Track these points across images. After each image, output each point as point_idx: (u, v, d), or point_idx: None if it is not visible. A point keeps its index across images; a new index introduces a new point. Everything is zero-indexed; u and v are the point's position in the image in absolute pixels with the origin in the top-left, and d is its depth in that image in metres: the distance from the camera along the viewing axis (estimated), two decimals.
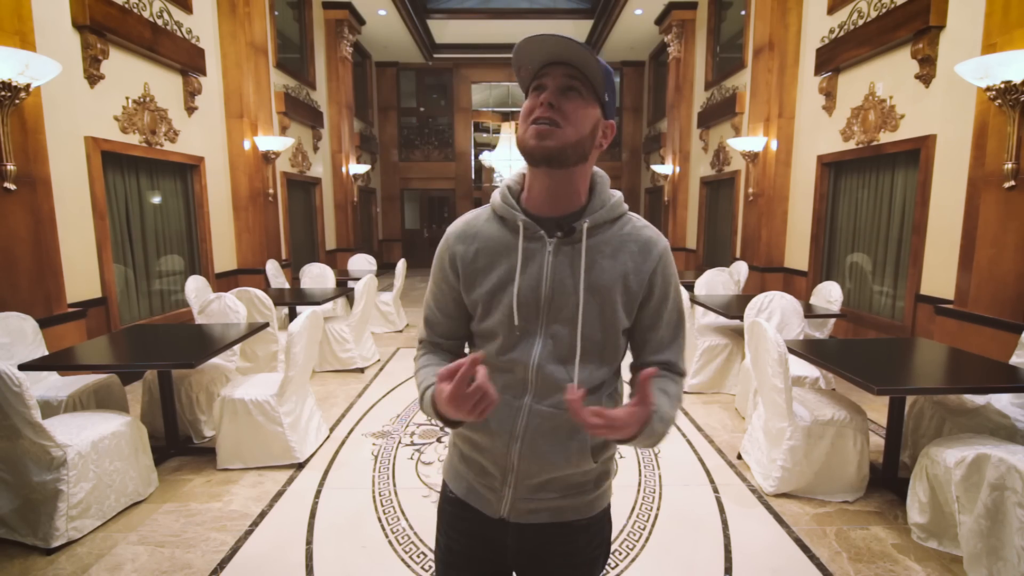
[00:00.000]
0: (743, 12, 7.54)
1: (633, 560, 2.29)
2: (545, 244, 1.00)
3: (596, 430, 0.83)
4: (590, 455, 1.03)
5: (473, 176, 13.88)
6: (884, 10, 4.82)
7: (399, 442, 3.45)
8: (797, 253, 6.37)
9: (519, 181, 1.07)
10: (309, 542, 2.42)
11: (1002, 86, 3.13)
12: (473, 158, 13.88)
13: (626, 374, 1.09)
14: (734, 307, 4.30)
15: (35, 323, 3.25)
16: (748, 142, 6.53)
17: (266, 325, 3.69)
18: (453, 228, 1.08)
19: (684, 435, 3.57)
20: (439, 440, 3.47)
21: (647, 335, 1.06)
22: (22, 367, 2.70)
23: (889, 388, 2.41)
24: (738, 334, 4.47)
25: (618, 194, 1.05)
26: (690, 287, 5.48)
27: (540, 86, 0.95)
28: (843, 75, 5.49)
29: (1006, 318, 3.29)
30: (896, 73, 4.74)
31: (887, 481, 2.84)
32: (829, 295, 4.48)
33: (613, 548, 2.36)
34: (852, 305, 5.46)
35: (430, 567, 2.23)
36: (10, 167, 3.27)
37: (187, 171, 5.71)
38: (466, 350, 1.16)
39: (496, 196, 1.06)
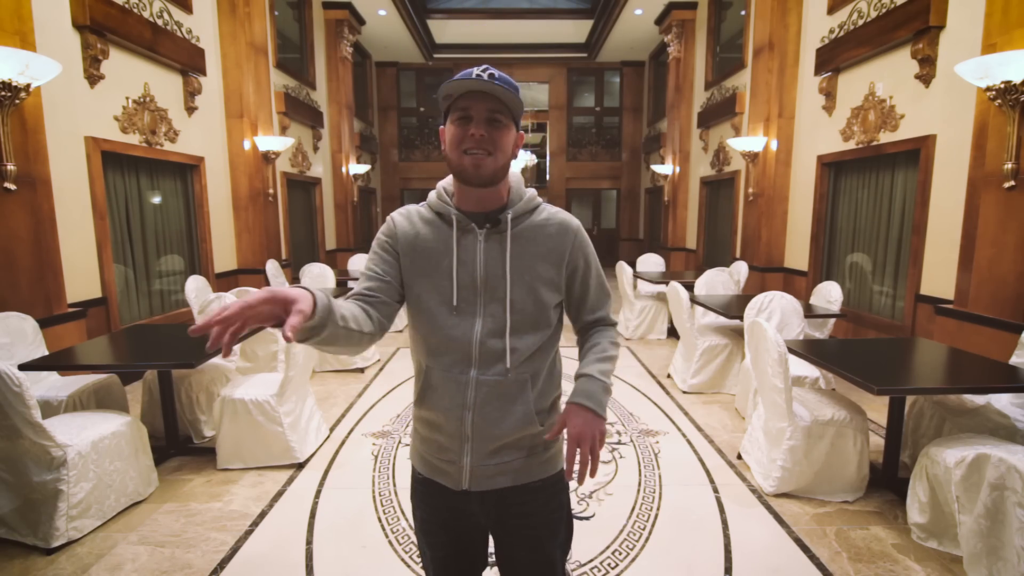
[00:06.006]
0: (743, 12, 7.54)
1: (633, 560, 2.29)
2: (476, 234, 1.14)
3: (587, 465, 1.11)
4: (535, 418, 1.17)
5: None
6: (884, 10, 4.82)
7: (399, 442, 3.45)
8: (797, 253, 6.37)
9: (452, 183, 1.19)
10: (309, 542, 2.42)
11: (1002, 86, 3.13)
12: None
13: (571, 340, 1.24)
14: (734, 307, 4.30)
15: (35, 323, 3.25)
16: (748, 142, 6.53)
17: None
18: (398, 213, 1.22)
19: (684, 435, 3.57)
20: None
21: (581, 303, 1.25)
22: (22, 367, 2.70)
23: (889, 388, 2.41)
24: (738, 334, 4.47)
25: (532, 190, 1.22)
26: (690, 287, 5.48)
27: (465, 117, 1.07)
28: (843, 75, 5.49)
29: (1006, 318, 3.29)
30: (896, 73, 4.74)
31: (887, 481, 2.84)
32: (829, 295, 4.48)
33: (613, 548, 2.36)
34: (852, 305, 5.46)
35: None
36: (10, 167, 3.27)
37: (187, 171, 5.71)
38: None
39: (432, 195, 1.21)
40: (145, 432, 2.84)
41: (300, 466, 3.11)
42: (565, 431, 1.14)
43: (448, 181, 1.21)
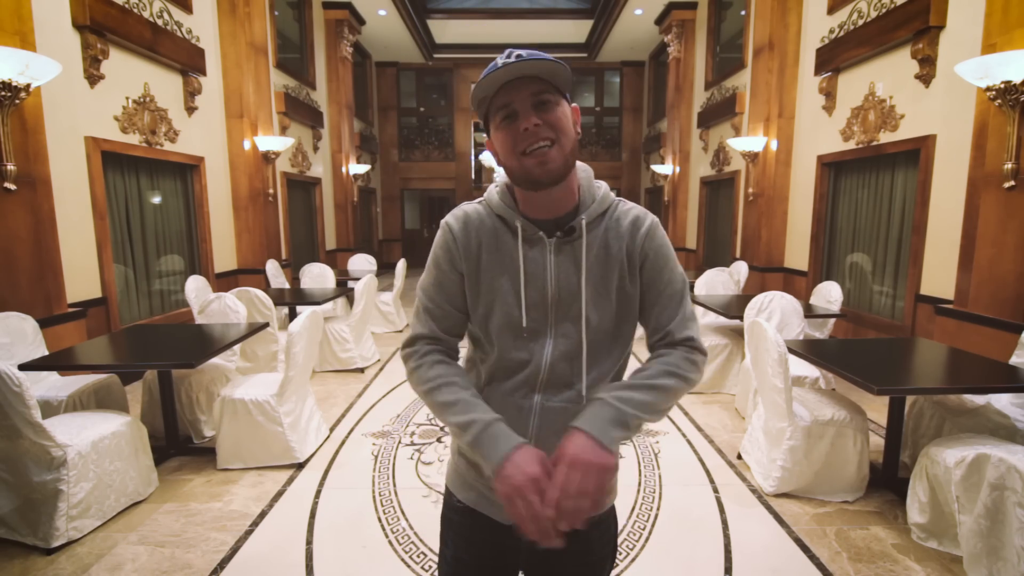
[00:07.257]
0: (743, 12, 7.53)
1: (633, 560, 2.29)
2: (545, 245, 1.00)
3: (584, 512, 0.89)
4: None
5: (473, 176, 13.88)
6: (884, 10, 4.82)
7: (399, 442, 3.45)
8: (797, 253, 6.37)
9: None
10: (309, 542, 2.42)
11: (1002, 86, 3.13)
12: (473, 158, 13.88)
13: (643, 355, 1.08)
14: (734, 307, 4.30)
15: (35, 323, 3.25)
16: (748, 142, 6.53)
17: (266, 325, 3.69)
18: (453, 218, 1.06)
19: (684, 435, 3.57)
20: (439, 440, 3.47)
21: (649, 313, 1.05)
22: (22, 367, 2.70)
23: (889, 388, 2.41)
24: (738, 334, 4.47)
25: (604, 185, 1.06)
26: (690, 287, 5.46)
27: (510, 114, 0.93)
28: (843, 75, 5.49)
29: (1006, 318, 3.29)
30: (896, 73, 4.74)
31: (887, 481, 2.84)
32: (829, 295, 4.48)
33: None
34: (852, 305, 5.46)
35: (430, 567, 2.23)
36: (10, 167, 3.27)
37: (187, 171, 5.71)
38: (461, 353, 1.13)
39: (495, 196, 1.05)
40: (145, 432, 2.84)
41: (300, 466, 3.11)
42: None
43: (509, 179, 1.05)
